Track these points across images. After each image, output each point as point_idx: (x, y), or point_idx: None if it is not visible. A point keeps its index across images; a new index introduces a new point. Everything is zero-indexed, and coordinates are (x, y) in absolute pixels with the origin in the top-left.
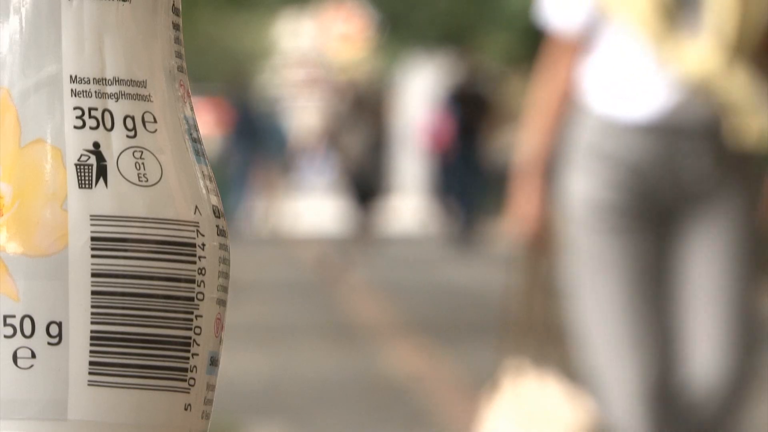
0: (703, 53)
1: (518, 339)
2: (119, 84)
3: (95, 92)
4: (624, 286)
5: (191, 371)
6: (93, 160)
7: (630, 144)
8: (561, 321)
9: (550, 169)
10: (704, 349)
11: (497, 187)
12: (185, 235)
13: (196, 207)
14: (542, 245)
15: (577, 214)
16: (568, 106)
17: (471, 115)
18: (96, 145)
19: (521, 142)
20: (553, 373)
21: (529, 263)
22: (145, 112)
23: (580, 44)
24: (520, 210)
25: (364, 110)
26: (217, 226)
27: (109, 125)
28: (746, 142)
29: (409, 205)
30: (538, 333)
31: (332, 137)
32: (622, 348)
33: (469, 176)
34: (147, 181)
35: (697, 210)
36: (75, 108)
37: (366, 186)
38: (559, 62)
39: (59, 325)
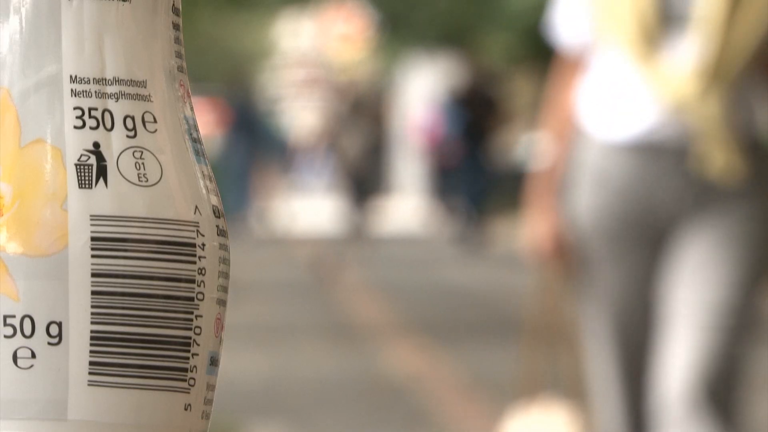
0: (679, 77)
1: (536, 349)
2: (119, 84)
3: (95, 92)
4: (616, 317)
5: (191, 371)
6: (93, 160)
7: (617, 164)
8: (576, 333)
9: (564, 187)
10: (685, 361)
11: (500, 187)
12: (185, 235)
13: (196, 207)
14: (559, 263)
15: (581, 235)
16: (575, 124)
17: (479, 117)
18: (96, 145)
19: (535, 158)
20: (561, 397)
21: (546, 279)
22: (145, 112)
23: (582, 63)
24: (536, 229)
25: (363, 111)
26: (217, 226)
27: (109, 125)
28: (711, 171)
29: (409, 206)
30: (556, 342)
31: (331, 137)
32: (610, 378)
33: (476, 177)
34: (147, 181)
35: (683, 230)
36: (75, 108)
37: (363, 186)
38: (569, 79)
39: (59, 325)
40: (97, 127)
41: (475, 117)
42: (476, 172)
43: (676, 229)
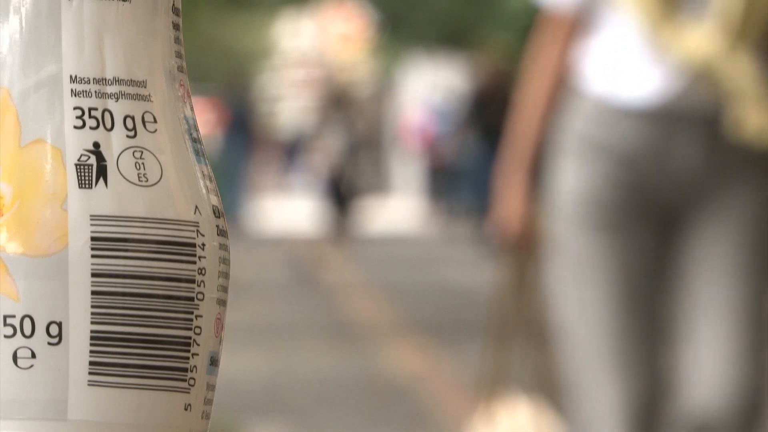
0: (706, 38)
1: (503, 339)
2: (119, 84)
3: (95, 92)
4: (613, 293)
5: (191, 371)
6: (93, 160)
7: (624, 131)
8: (546, 321)
9: (539, 164)
10: (714, 365)
11: None
12: (185, 235)
13: (196, 207)
14: (527, 246)
15: (566, 209)
16: (561, 94)
17: (497, 117)
18: (96, 145)
19: (510, 134)
20: (527, 395)
21: (514, 264)
22: (145, 112)
23: (577, 24)
24: (505, 208)
25: (348, 110)
26: (217, 226)
27: (109, 125)
28: (746, 134)
29: (409, 205)
30: (523, 333)
31: (320, 137)
32: (607, 364)
33: (491, 177)
34: (147, 181)
35: (700, 207)
36: (75, 108)
37: (346, 186)
38: (553, 44)
39: (59, 325)
40: (97, 127)
41: (493, 117)
42: (492, 172)
43: (693, 203)
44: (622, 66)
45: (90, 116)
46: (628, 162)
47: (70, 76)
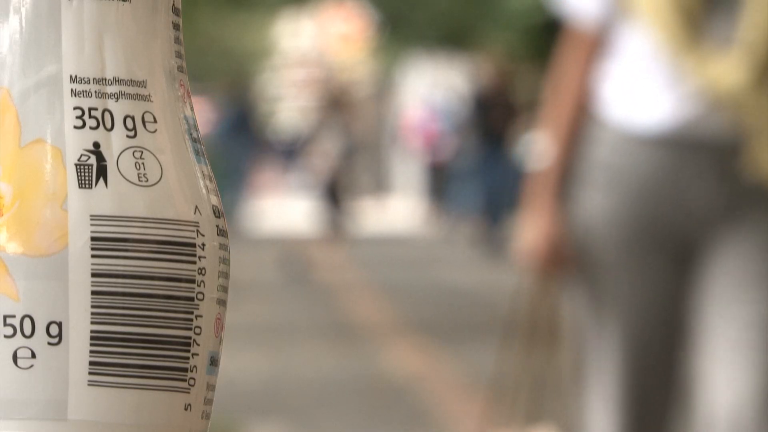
0: (731, 69)
1: (523, 363)
2: (119, 84)
3: (95, 92)
4: (630, 330)
5: (191, 371)
6: (93, 160)
7: (639, 159)
8: (568, 344)
9: (565, 185)
10: (737, 390)
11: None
12: (185, 235)
13: (196, 207)
14: (553, 269)
15: (586, 242)
16: (584, 115)
17: (499, 119)
18: (96, 145)
19: (535, 154)
20: (546, 413)
21: (538, 287)
22: (145, 112)
23: (598, 43)
24: (531, 231)
25: (345, 113)
26: (217, 226)
27: (109, 125)
28: (762, 170)
29: (409, 205)
30: (545, 355)
31: (316, 137)
32: (617, 397)
33: (495, 180)
34: (147, 181)
35: (716, 238)
36: (75, 108)
37: (342, 188)
38: (575, 62)
39: (59, 325)
40: (97, 127)
41: (496, 119)
42: (496, 175)
43: (708, 236)
44: (639, 90)
45: (90, 116)
46: (644, 192)
47: (70, 76)
